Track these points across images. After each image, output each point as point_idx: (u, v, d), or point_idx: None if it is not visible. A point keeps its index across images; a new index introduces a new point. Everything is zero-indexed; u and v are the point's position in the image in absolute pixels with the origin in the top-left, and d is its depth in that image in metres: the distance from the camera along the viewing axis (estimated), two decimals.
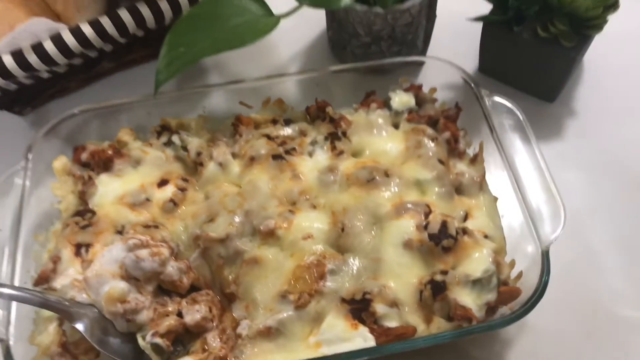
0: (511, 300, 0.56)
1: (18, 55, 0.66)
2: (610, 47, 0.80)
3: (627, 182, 0.71)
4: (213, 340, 0.57)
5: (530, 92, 0.78)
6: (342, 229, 0.59)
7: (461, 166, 0.67)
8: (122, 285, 0.56)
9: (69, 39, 0.67)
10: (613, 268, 0.65)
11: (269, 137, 0.68)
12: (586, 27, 0.70)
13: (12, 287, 0.57)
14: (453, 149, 0.68)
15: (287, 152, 0.66)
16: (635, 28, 0.83)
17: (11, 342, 0.54)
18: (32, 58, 0.66)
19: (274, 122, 0.71)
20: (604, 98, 0.79)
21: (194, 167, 0.67)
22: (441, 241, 0.57)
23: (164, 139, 0.69)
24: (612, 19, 0.72)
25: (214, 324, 0.58)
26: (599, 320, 0.62)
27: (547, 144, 0.65)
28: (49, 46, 0.66)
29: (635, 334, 0.60)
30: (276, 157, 0.65)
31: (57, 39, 0.67)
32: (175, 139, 0.68)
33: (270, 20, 0.68)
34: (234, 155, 0.67)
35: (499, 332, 0.62)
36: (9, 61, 0.65)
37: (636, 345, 0.60)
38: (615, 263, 0.65)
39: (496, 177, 0.65)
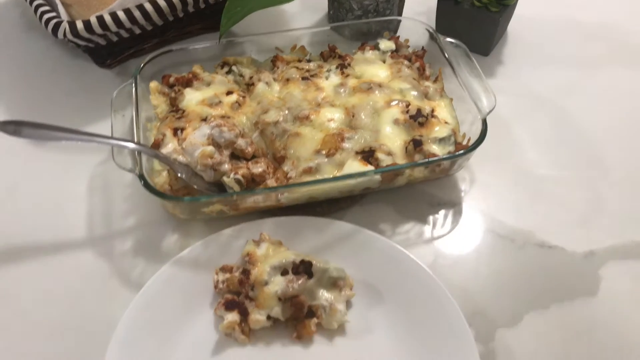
0: None
1: (127, 12, 0.90)
2: (525, 21, 1.10)
3: (533, 100, 0.99)
4: (271, 183, 0.80)
5: (472, 49, 0.92)
6: (353, 116, 0.81)
7: (427, 83, 0.90)
8: (210, 147, 0.77)
9: (162, 3, 0.92)
10: (529, 148, 0.91)
11: (297, 68, 0.91)
12: None
13: (138, 143, 0.76)
14: (422, 74, 0.91)
15: (312, 75, 0.89)
16: (540, 9, 1.15)
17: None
18: (137, 13, 0.91)
19: (299, 61, 0.94)
20: (521, 52, 1.07)
21: (246, 88, 0.90)
22: (417, 119, 0.80)
23: (225, 69, 0.92)
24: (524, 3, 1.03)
25: (271, 176, 0.81)
26: (523, 177, 0.88)
27: None
28: (149, 7, 0.91)
29: (544, 183, 0.87)
30: (304, 78, 0.88)
31: (153, 2, 0.92)
32: (234, 68, 0.91)
33: None
34: (274, 80, 0.90)
35: (457, 183, 0.86)
36: (122, 15, 0.90)
37: (545, 189, 0.86)
38: (530, 144, 0.92)
39: (451, 88, 0.89)
